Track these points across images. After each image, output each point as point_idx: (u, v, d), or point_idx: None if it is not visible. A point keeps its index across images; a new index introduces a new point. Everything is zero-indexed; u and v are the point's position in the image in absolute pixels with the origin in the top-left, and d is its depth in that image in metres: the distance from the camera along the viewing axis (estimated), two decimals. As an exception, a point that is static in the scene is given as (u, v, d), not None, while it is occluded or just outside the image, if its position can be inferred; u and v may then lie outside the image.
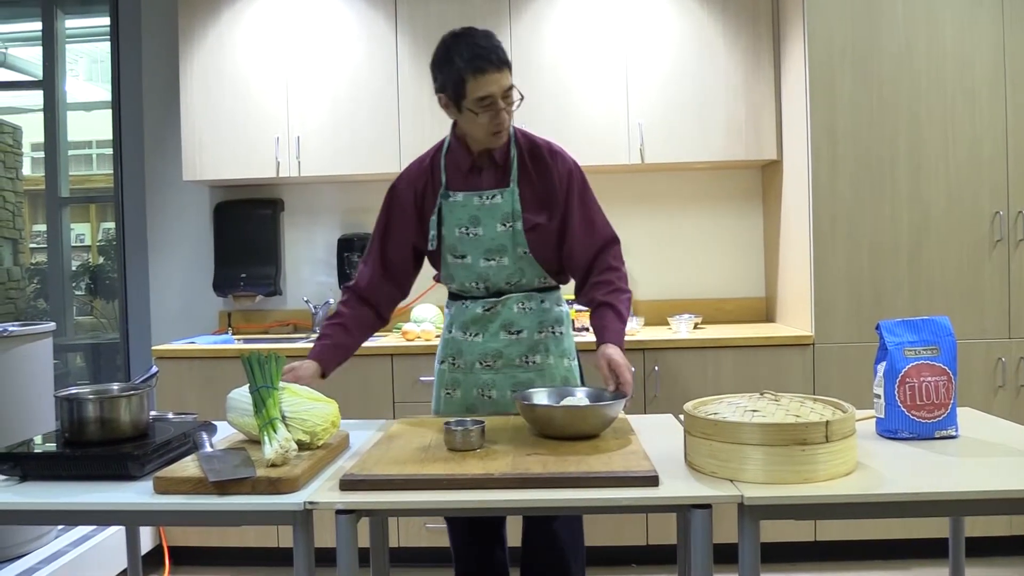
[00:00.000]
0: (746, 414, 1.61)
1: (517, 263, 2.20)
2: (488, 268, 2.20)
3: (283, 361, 1.81)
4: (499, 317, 2.23)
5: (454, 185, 2.21)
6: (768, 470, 1.50)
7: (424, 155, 2.29)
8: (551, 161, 2.22)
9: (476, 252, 2.20)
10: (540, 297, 2.27)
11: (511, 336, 2.23)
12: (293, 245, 4.09)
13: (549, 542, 2.23)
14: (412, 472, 1.56)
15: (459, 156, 2.21)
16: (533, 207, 2.19)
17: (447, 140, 2.26)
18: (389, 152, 3.69)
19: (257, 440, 1.73)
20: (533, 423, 1.87)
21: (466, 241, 2.20)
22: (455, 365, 2.27)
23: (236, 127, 3.73)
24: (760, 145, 3.64)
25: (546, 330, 2.26)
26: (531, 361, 2.23)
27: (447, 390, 2.29)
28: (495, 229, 2.18)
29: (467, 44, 2.05)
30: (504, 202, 2.17)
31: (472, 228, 2.19)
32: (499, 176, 2.20)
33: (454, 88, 2.07)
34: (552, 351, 2.26)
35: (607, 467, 1.56)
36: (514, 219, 2.17)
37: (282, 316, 4.08)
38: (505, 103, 2.08)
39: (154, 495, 1.54)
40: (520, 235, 2.18)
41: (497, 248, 2.19)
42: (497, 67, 2.04)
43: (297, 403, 1.78)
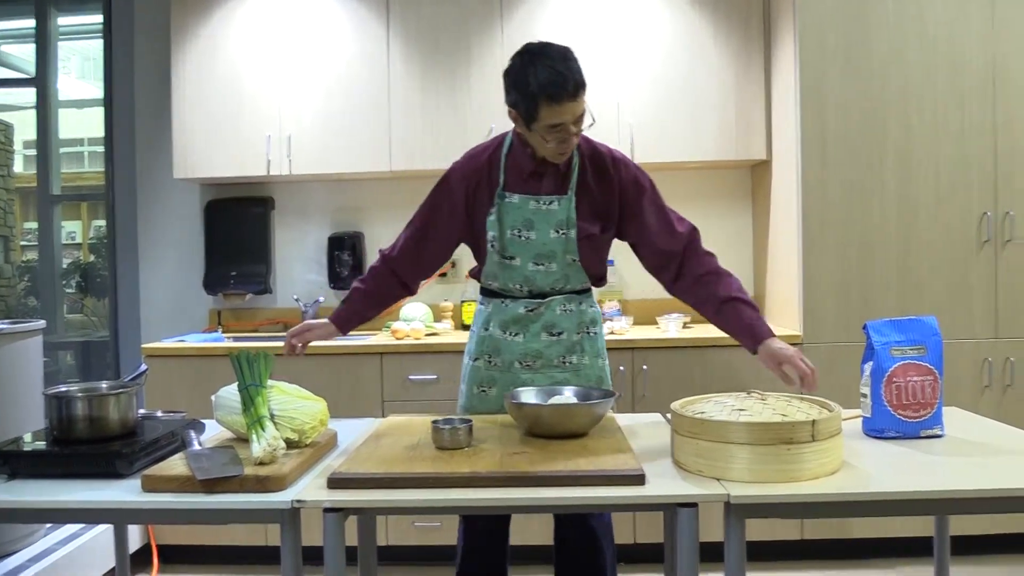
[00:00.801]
0: (733, 413, 1.62)
1: (564, 269, 2.20)
2: (536, 272, 2.19)
3: (272, 360, 1.81)
4: (541, 318, 2.21)
5: (512, 186, 2.18)
6: (754, 469, 1.50)
7: (481, 149, 2.25)
8: (613, 171, 2.20)
9: (526, 255, 2.18)
10: (579, 299, 2.27)
11: (552, 337, 2.22)
12: (284, 244, 4.08)
13: (588, 539, 2.25)
14: (400, 470, 1.56)
15: (521, 158, 2.18)
16: (588, 216, 2.18)
17: (509, 138, 2.22)
18: (380, 151, 3.68)
19: (245, 438, 1.72)
20: (521, 421, 1.87)
21: (517, 243, 2.18)
22: (491, 363, 2.25)
23: (227, 125, 3.71)
24: (750, 145, 3.65)
25: (583, 331, 2.26)
26: (568, 361, 2.23)
27: (481, 387, 2.27)
28: (548, 235, 2.16)
29: (544, 66, 1.98)
30: (560, 209, 2.16)
31: (525, 232, 2.17)
32: (558, 182, 2.18)
33: (526, 109, 2.03)
34: (587, 351, 2.26)
35: (594, 466, 1.57)
36: (568, 227, 2.16)
37: (272, 315, 4.07)
38: (576, 127, 2.05)
39: (142, 493, 1.54)
40: (573, 243, 2.17)
41: (547, 254, 2.18)
42: (572, 95, 1.98)
43: (285, 401, 1.77)
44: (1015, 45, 3.26)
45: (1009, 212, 3.28)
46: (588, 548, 2.26)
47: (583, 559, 2.27)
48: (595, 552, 2.26)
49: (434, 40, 3.68)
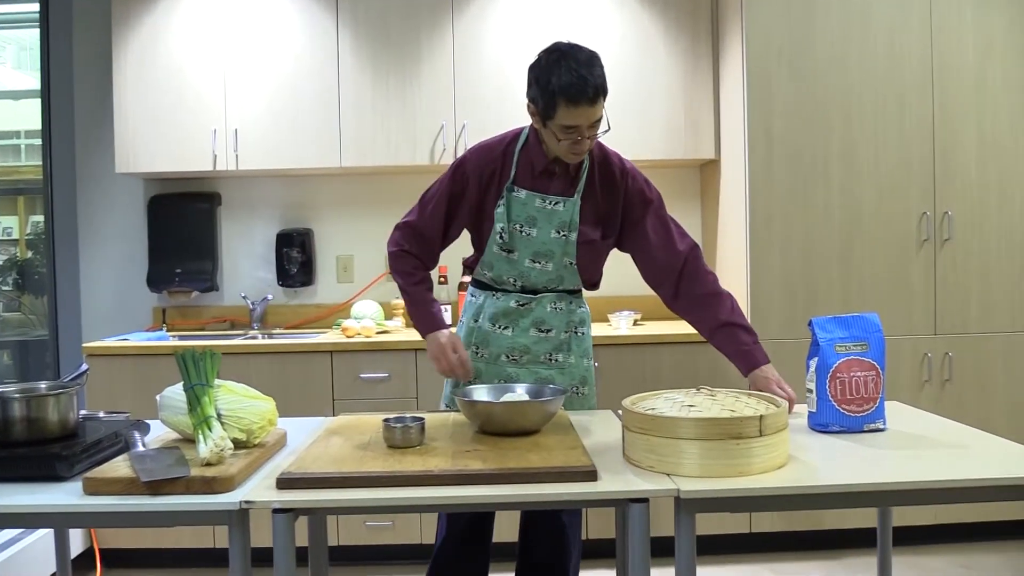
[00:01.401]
0: (683, 409, 1.64)
1: (560, 270, 2.22)
2: (531, 269, 2.21)
3: (218, 358, 1.78)
4: (531, 314, 2.23)
5: (521, 181, 2.19)
6: (704, 464, 1.52)
7: (496, 141, 2.25)
8: (620, 180, 2.22)
9: (524, 251, 2.20)
10: (570, 298, 2.29)
11: (541, 333, 2.24)
12: (230, 240, 4.02)
13: (556, 534, 2.27)
14: (351, 470, 1.55)
15: (535, 155, 2.18)
16: (591, 221, 2.20)
17: (525, 133, 2.23)
18: (329, 146, 3.64)
19: (191, 439, 1.69)
20: (473, 419, 1.87)
21: (518, 238, 2.19)
22: (479, 355, 2.26)
23: (171, 118, 3.64)
24: (698, 144, 3.69)
25: (571, 330, 2.28)
26: (555, 359, 2.25)
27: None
28: (549, 234, 2.18)
29: (569, 68, 2.00)
30: (564, 211, 2.17)
31: (527, 228, 2.19)
32: (567, 184, 2.19)
33: (544, 107, 2.05)
34: (574, 350, 2.28)
35: (546, 462, 1.57)
36: (570, 229, 2.18)
37: (219, 312, 4.00)
38: (590, 132, 2.06)
39: (84, 496, 1.50)
40: (572, 246, 2.19)
41: (546, 252, 2.20)
42: (591, 100, 2.01)
43: (233, 401, 1.75)
44: (953, 48, 3.36)
45: (948, 212, 3.38)
46: (555, 545, 2.28)
47: (548, 555, 2.28)
48: (561, 549, 2.28)
49: (384, 34, 3.65)
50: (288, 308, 4.00)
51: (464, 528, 2.28)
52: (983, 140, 3.38)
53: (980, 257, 3.40)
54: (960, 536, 3.44)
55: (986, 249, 3.40)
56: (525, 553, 2.35)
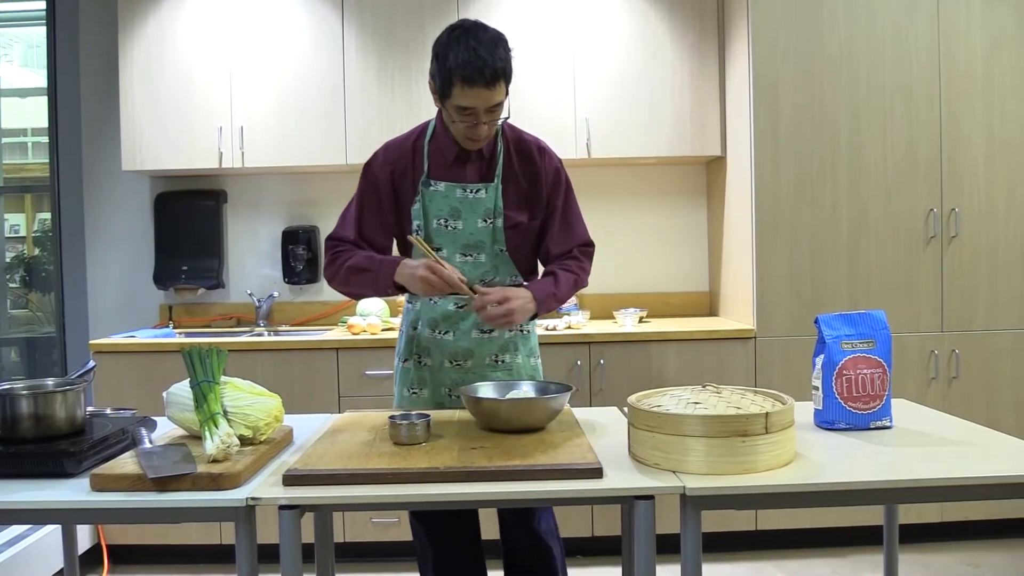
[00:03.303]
0: (688, 406, 1.64)
1: (493, 260, 2.17)
2: (464, 264, 2.15)
3: (225, 355, 1.78)
4: (471, 315, 2.16)
5: (436, 174, 2.14)
6: (710, 461, 1.52)
7: (404, 137, 2.20)
8: (539, 159, 2.18)
9: (453, 246, 2.15)
10: None
11: (484, 335, 2.19)
12: (236, 237, 4.03)
13: (535, 543, 2.23)
14: (357, 466, 1.55)
15: (444, 144, 2.13)
16: (515, 205, 2.16)
17: (432, 125, 2.17)
18: (335, 144, 3.64)
19: (198, 436, 1.70)
20: (479, 416, 1.87)
21: (443, 234, 2.14)
22: (421, 363, 2.22)
23: (178, 116, 3.65)
24: (705, 141, 3.68)
25: (515, 328, 2.23)
26: (501, 360, 2.21)
27: (412, 389, 2.23)
28: (475, 224, 2.13)
29: (467, 47, 1.94)
30: (487, 197, 2.13)
31: (452, 221, 2.13)
32: (484, 169, 2.15)
33: (441, 84, 1.99)
34: (521, 349, 2.24)
35: (552, 460, 1.57)
36: (495, 215, 2.13)
37: (225, 309, 4.01)
38: (488, 117, 2.01)
39: (91, 493, 1.51)
40: (500, 232, 2.14)
41: (475, 244, 2.15)
42: (488, 83, 1.94)
43: (239, 398, 1.75)
44: (960, 44, 3.35)
45: (955, 209, 3.37)
46: (535, 553, 2.24)
47: (533, 565, 2.26)
48: (543, 555, 2.25)
49: (390, 31, 3.65)
50: (294, 305, 4.01)
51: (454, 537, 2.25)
52: (990, 137, 3.37)
53: (987, 254, 3.39)
54: (967, 534, 3.43)
55: (993, 246, 3.39)
56: (511, 564, 2.30)
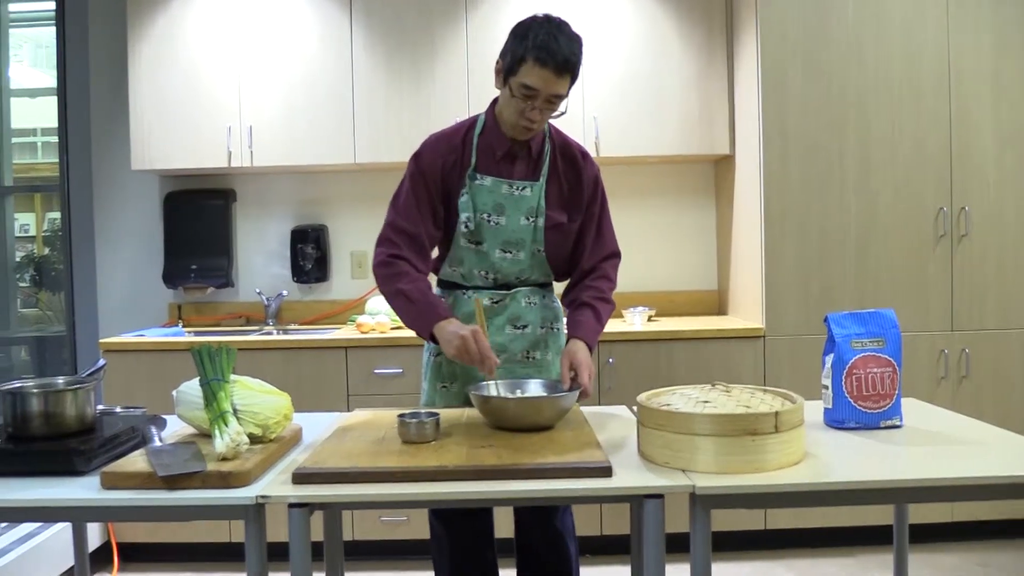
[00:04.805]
0: (698, 405, 1.63)
1: (531, 259, 2.19)
2: (503, 260, 2.17)
3: (234, 354, 1.78)
4: (507, 311, 2.19)
5: (483, 168, 2.15)
6: (719, 460, 1.52)
7: (452, 130, 2.20)
8: (582, 164, 2.21)
9: (494, 242, 2.15)
10: (542, 292, 2.26)
11: (517, 330, 2.19)
12: (245, 236, 4.03)
13: (553, 540, 2.23)
14: (366, 465, 1.55)
15: (495, 139, 2.14)
16: (556, 206, 2.18)
17: (481, 119, 2.19)
18: (344, 143, 3.65)
19: (208, 434, 1.70)
20: (488, 415, 1.87)
21: (486, 228, 2.15)
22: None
23: (186, 115, 3.66)
24: (713, 140, 3.68)
25: (547, 326, 2.25)
26: (532, 357, 2.21)
27: (443, 383, 2.24)
28: (518, 222, 2.15)
29: (548, 33, 2.01)
30: (532, 196, 2.14)
31: (495, 216, 2.14)
32: (530, 168, 2.17)
33: (511, 61, 2.03)
34: (551, 347, 2.25)
35: (561, 458, 1.57)
36: (538, 215, 2.15)
37: (234, 308, 4.02)
38: (546, 104, 2.04)
39: (101, 490, 1.51)
40: (540, 232, 2.16)
41: (516, 241, 2.16)
42: (558, 70, 1.99)
43: (249, 396, 1.75)
44: (970, 44, 3.33)
45: (965, 207, 3.35)
46: (553, 551, 2.25)
47: (547, 561, 2.26)
48: (560, 553, 2.25)
49: (398, 30, 3.65)
50: (303, 304, 4.02)
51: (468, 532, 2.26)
52: (1001, 135, 3.35)
53: (998, 253, 3.37)
54: (977, 534, 3.42)
55: (1004, 245, 3.37)
56: (526, 563, 2.30)
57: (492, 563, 2.31)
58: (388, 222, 2.17)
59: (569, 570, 2.26)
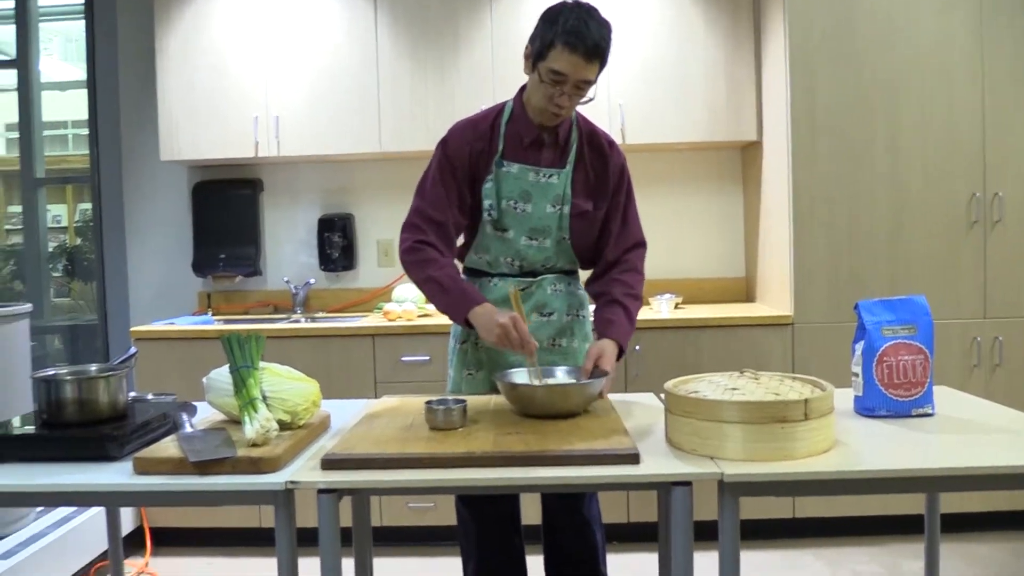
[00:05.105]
0: (726, 392, 1.62)
1: (556, 247, 2.19)
2: (528, 247, 2.18)
3: (263, 341, 1.80)
4: (532, 298, 2.20)
5: (510, 155, 2.15)
6: (748, 447, 1.51)
7: (480, 116, 2.21)
8: (609, 152, 2.21)
9: (520, 229, 2.16)
10: (568, 280, 2.27)
11: (543, 318, 2.20)
12: (273, 225, 4.06)
13: (579, 526, 2.24)
14: (394, 451, 1.56)
15: (523, 126, 2.15)
16: (583, 193, 2.18)
17: (508, 106, 2.19)
18: (369, 132, 3.66)
19: (237, 420, 1.72)
20: (515, 402, 1.87)
21: (511, 216, 2.15)
22: (479, 345, 2.22)
23: (214, 106, 3.68)
24: (740, 126, 3.64)
25: (573, 313, 2.25)
26: (558, 344, 2.22)
27: (469, 370, 2.25)
28: (544, 209, 2.15)
29: (578, 18, 2.01)
30: (558, 183, 2.14)
31: (521, 204, 2.15)
32: (557, 156, 2.17)
33: (540, 46, 2.03)
34: (576, 334, 2.26)
35: (588, 445, 1.57)
36: (564, 202, 2.15)
37: (262, 296, 4.05)
38: (574, 90, 2.03)
39: (134, 476, 1.53)
40: (566, 219, 2.16)
41: (542, 229, 2.16)
42: (587, 55, 1.98)
43: (278, 383, 1.77)
44: (1003, 27, 3.26)
45: (998, 193, 3.29)
46: (580, 538, 2.25)
47: (574, 548, 2.26)
48: (587, 539, 2.26)
49: (423, 19, 3.65)
50: (330, 292, 4.04)
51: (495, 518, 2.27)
52: (1036, 118, 3.28)
53: (1032, 239, 3.31)
54: (1010, 523, 3.37)
55: (1038, 230, 3.31)
56: (553, 550, 2.30)
57: (519, 549, 2.31)
58: (414, 208, 2.18)
59: (596, 557, 2.26)
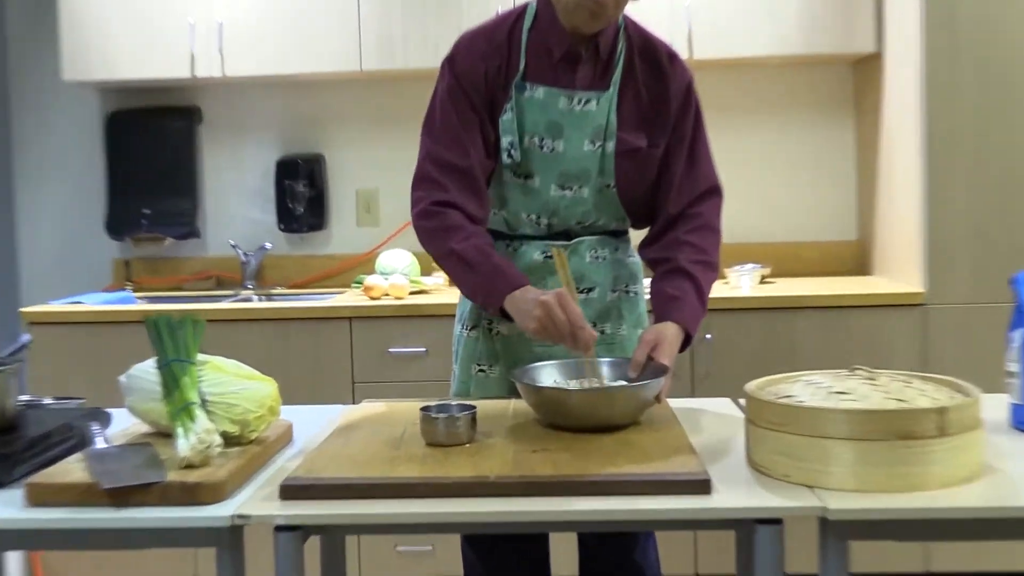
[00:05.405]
0: (831, 397, 1.62)
1: (596, 197, 2.19)
2: (560, 199, 2.17)
3: (202, 327, 1.81)
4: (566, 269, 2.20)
5: (535, 75, 2.14)
6: (860, 473, 1.50)
7: (493, 24, 2.20)
8: (669, 68, 2.19)
9: (548, 174, 2.16)
10: (614, 244, 2.26)
11: (580, 295, 2.19)
12: (216, 171, 4.08)
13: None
14: (378, 475, 1.57)
15: (550, 36, 2.13)
16: (633, 125, 2.16)
17: (531, 9, 2.18)
18: (346, 46, 3.66)
19: (167, 433, 1.73)
20: (541, 410, 1.87)
21: (537, 157, 2.15)
22: (493, 332, 2.23)
23: (136, 10, 3.69)
24: (852, 34, 3.62)
25: (620, 289, 2.26)
26: (600, 330, 2.20)
27: (479, 366, 2.26)
28: (581, 147, 2.15)
29: None
30: (599, 111, 2.14)
31: (550, 140, 2.14)
32: (597, 75, 2.15)
33: None
34: (626, 318, 2.26)
35: (641, 468, 1.57)
36: (607, 137, 2.15)
37: (201, 266, 4.08)
38: None
39: (26, 508, 1.54)
40: (610, 160, 2.15)
41: (578, 174, 2.16)
42: None
43: (222, 383, 1.77)
44: None
45: None
46: None
47: None
48: None
49: None
50: (293, 260, 4.06)
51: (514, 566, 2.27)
52: None
53: None
54: None
55: None
56: None
57: None
58: (425, 154, 2.17)
59: None
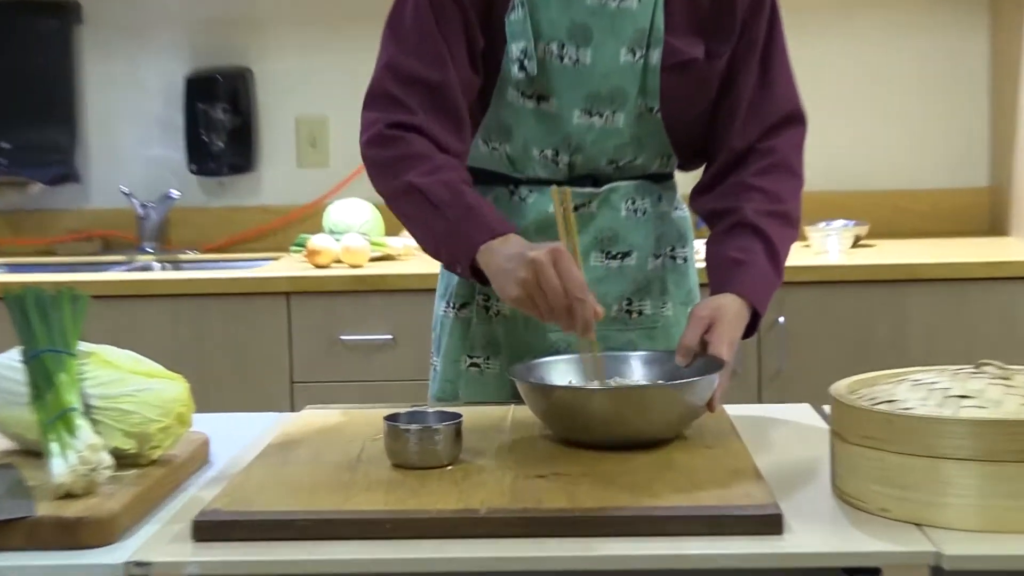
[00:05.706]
0: (947, 403, 1.62)
1: (635, 128, 2.19)
2: (587, 129, 2.18)
3: (84, 304, 1.80)
4: (592, 225, 2.21)
5: None
6: (988, 507, 1.51)
7: None
8: None
9: (571, 94, 2.16)
10: (658, 191, 2.28)
11: (612, 261, 2.22)
12: (102, 89, 4.07)
13: None
14: (327, 508, 1.58)
15: None
16: (686, 29, 2.16)
17: None
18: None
19: (37, 450, 1.73)
20: (551, 419, 1.88)
21: (556, 70, 2.15)
22: (490, 312, 2.25)
23: None
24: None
25: (664, 253, 2.28)
26: (638, 310, 2.24)
27: (473, 358, 2.28)
28: (615, 58, 2.15)
29: None
30: (639, 10, 2.13)
31: (573, 48, 2.14)
32: None
33: None
34: (672, 293, 2.29)
35: (689, 498, 1.59)
36: (650, 44, 2.14)
37: (83, 222, 4.08)
38: None
39: None
40: (655, 75, 2.15)
41: (611, 95, 2.16)
42: None
43: (113, 382, 1.78)
44: None
45: None
46: None
47: None
48: None
49: None
50: (209, 214, 4.06)
51: None
52: None
53: None
54: None
55: None
56: None
57: None
58: (385, 63, 2.17)
59: None
